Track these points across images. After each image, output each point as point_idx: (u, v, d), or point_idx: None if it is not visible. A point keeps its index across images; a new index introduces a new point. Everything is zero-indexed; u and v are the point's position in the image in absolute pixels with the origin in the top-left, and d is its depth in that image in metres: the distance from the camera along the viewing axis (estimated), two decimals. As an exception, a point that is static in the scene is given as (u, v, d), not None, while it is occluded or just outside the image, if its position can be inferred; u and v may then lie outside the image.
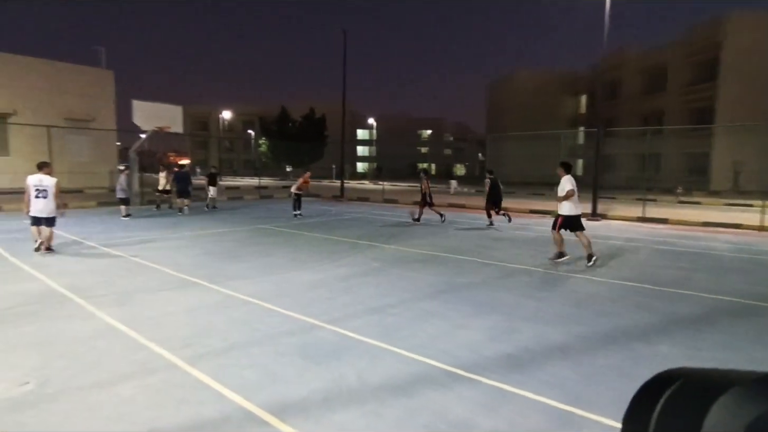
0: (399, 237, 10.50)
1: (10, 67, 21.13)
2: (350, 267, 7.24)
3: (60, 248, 8.41)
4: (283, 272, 6.83)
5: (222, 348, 3.91)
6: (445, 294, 5.75)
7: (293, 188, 15.19)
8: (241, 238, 10.11)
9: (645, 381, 0.39)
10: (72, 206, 16.10)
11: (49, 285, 5.92)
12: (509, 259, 8.03)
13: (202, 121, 70.16)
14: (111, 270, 6.83)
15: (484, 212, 13.17)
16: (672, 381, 0.37)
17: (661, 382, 0.38)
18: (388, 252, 8.63)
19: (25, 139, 21.09)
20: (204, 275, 6.50)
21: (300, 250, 8.63)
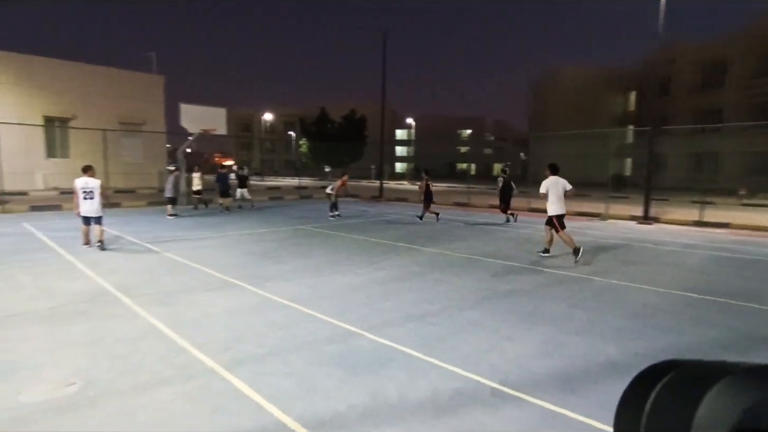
0: (439, 239, 10.26)
1: (72, 74, 22.48)
2: (389, 270, 7.09)
3: (112, 246, 8.76)
4: (322, 275, 6.77)
5: (260, 354, 3.85)
6: (489, 302, 5.49)
7: (329, 189, 15.26)
8: (280, 238, 10.19)
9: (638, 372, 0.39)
10: (124, 205, 16.91)
11: (99, 283, 6.12)
12: (556, 266, 7.63)
13: (245, 123, 72.28)
14: (156, 269, 7.00)
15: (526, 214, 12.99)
16: (666, 371, 0.37)
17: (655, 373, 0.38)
18: (427, 255, 8.42)
19: (83, 142, 22.31)
20: (244, 276, 6.54)
21: (338, 252, 8.57)
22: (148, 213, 15.04)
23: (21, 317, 4.78)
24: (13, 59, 21.05)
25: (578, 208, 17.26)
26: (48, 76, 21.73)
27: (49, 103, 21.82)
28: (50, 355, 3.83)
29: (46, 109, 21.75)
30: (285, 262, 7.66)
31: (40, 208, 15.46)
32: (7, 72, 20.76)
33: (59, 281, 6.24)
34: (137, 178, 22.43)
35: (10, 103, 20.64)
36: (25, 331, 4.39)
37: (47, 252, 8.25)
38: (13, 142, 19.72)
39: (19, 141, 20.16)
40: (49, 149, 22.28)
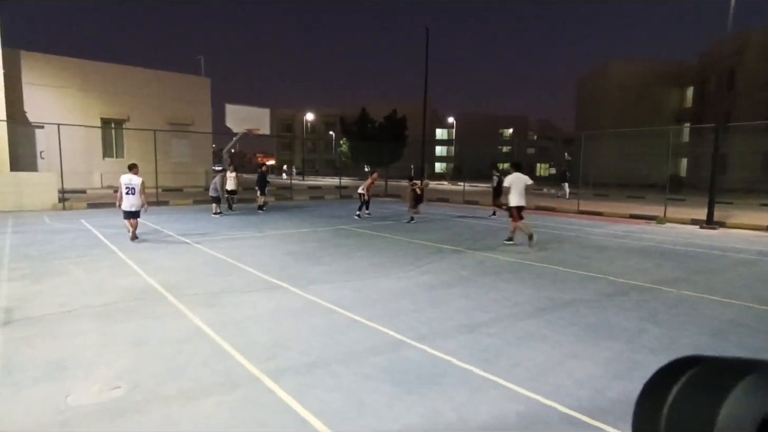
0: (485, 242, 9.83)
1: (126, 77, 23.57)
2: (435, 275, 6.78)
3: (160, 244, 8.93)
4: (365, 278, 6.55)
5: (305, 363, 3.65)
6: (547, 312, 5.07)
7: (360, 189, 15.20)
8: (322, 238, 10.09)
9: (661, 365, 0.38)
10: (172, 204, 17.46)
11: (147, 281, 6.16)
12: (617, 273, 7.06)
13: (287, 123, 73.72)
14: (202, 268, 7.02)
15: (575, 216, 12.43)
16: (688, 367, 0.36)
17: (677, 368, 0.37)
18: (475, 258, 8.04)
19: (136, 143, 23.32)
20: (286, 277, 6.42)
21: (381, 254, 8.33)
22: (195, 211, 15.41)
23: (77, 313, 4.83)
24: (75, 64, 22.28)
25: (632, 211, 16.24)
26: (105, 80, 22.85)
27: (105, 106, 22.94)
28: (99, 354, 3.80)
29: (102, 111, 22.88)
30: (327, 263, 7.51)
31: (96, 206, 16.18)
32: (69, 77, 21.99)
33: (111, 277, 6.35)
34: (185, 177, 23.19)
35: (72, 106, 21.86)
36: (79, 327, 4.42)
37: (101, 248, 8.49)
38: (74, 143, 20.87)
39: (78, 142, 21.31)
40: (105, 149, 23.41)
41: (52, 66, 21.35)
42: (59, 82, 21.52)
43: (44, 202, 15.37)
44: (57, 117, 18.74)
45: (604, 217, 15.25)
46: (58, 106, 21.21)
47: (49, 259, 7.46)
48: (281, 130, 70.89)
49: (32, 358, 3.71)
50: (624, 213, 15.78)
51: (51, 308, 4.99)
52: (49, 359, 3.67)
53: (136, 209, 9.09)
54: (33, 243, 8.94)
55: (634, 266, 7.61)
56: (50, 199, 15.62)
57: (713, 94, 34.63)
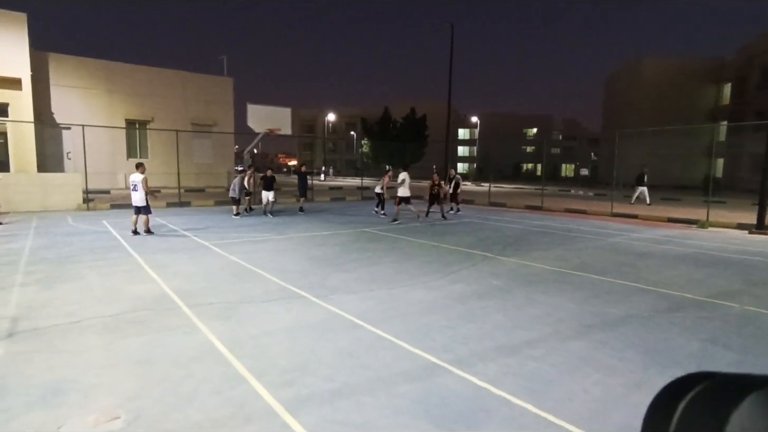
0: (517, 247, 9.26)
1: (150, 78, 23.74)
2: (466, 284, 6.28)
3: (179, 247, 8.68)
4: (391, 287, 6.10)
5: (328, 391, 3.22)
6: (596, 331, 4.52)
7: (377, 189, 15.04)
8: (344, 242, 9.69)
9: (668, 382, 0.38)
10: (194, 204, 17.38)
11: (162, 288, 5.86)
12: (667, 284, 6.41)
13: (309, 123, 73.95)
14: (219, 273, 6.69)
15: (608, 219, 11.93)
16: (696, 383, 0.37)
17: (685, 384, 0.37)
18: (507, 266, 7.50)
19: (160, 143, 23.47)
20: (307, 286, 6.02)
21: (407, 260, 7.87)
22: (216, 212, 15.25)
23: (84, 324, 4.53)
24: (101, 66, 22.55)
25: (670, 214, 15.32)
26: (129, 81, 23.07)
27: (130, 107, 23.16)
28: (101, 375, 3.45)
29: (127, 113, 23.10)
30: (350, 270, 7.09)
31: (119, 206, 16.18)
32: (95, 78, 22.27)
33: (125, 284, 6.07)
34: (207, 178, 23.20)
35: (97, 107, 22.12)
36: (84, 341, 4.11)
37: (119, 251, 8.29)
38: (99, 144, 21.10)
39: (103, 143, 21.54)
40: (130, 150, 23.63)
41: (79, 68, 21.66)
42: (86, 84, 21.81)
43: (69, 202, 15.46)
44: (83, 118, 18.95)
45: (640, 221, 14.42)
46: (85, 108, 21.48)
47: (65, 263, 7.27)
48: (303, 131, 71.14)
49: (29, 378, 3.39)
50: (661, 216, 14.90)
51: (58, 318, 4.71)
52: (46, 380, 3.34)
53: (140, 204, 9.75)
54: (52, 245, 8.81)
55: (685, 276, 6.94)
56: (75, 199, 15.71)
57: (754, 91, 32.87)
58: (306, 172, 15.60)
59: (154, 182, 23.17)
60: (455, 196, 16.77)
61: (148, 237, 9.88)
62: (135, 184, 9.82)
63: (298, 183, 15.54)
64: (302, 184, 15.36)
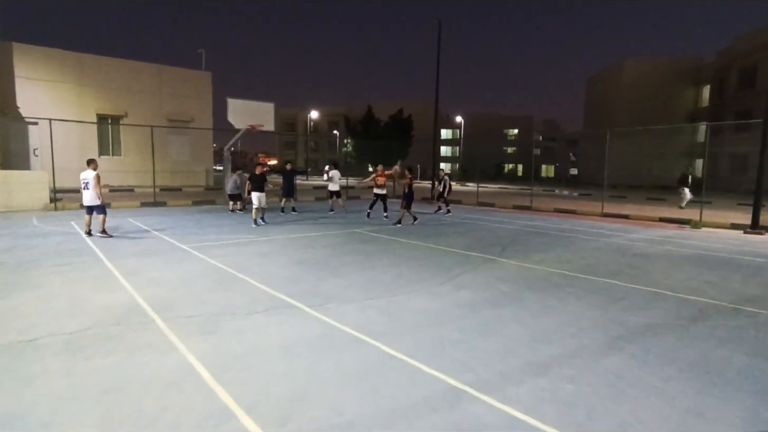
0: (515, 248, 8.84)
1: (123, 71, 22.61)
2: (472, 290, 5.79)
3: (153, 251, 7.97)
4: (391, 294, 5.56)
5: (336, 427, 2.66)
6: (626, 342, 4.08)
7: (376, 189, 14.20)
8: (334, 244, 9.11)
9: None
10: (170, 204, 16.49)
11: (135, 299, 5.19)
12: (683, 288, 6.05)
13: (289, 122, 72.80)
14: (199, 280, 6.04)
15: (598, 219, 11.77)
16: None
17: None
18: (510, 269, 7.05)
19: (133, 140, 22.41)
20: (299, 293, 5.44)
21: (404, 263, 7.35)
22: (193, 212, 14.46)
23: (42, 343, 3.86)
24: (71, 58, 21.34)
25: (658, 213, 15.20)
26: (101, 74, 21.91)
27: (101, 101, 22.00)
28: (58, 409, 2.82)
29: (99, 107, 21.94)
30: (344, 275, 6.53)
31: (90, 206, 15.24)
32: (65, 71, 21.06)
33: (93, 292, 5.38)
34: (184, 177, 22.24)
35: (67, 101, 20.92)
36: (41, 364, 3.46)
37: (87, 255, 7.53)
38: (68, 139, 19.94)
39: (73, 139, 20.38)
40: (102, 147, 22.46)
41: (47, 59, 20.41)
42: (54, 76, 20.59)
43: (35, 201, 14.45)
44: (51, 112, 17.81)
45: (631, 221, 14.23)
46: (53, 101, 20.28)
47: (26, 268, 6.50)
48: (284, 129, 69.98)
49: (-38, 418, 2.73)
50: (651, 216, 14.76)
51: (10, 335, 4.02)
52: (-16, 421, 2.69)
53: (92, 203, 9.08)
54: (13, 248, 7.99)
55: (698, 279, 6.60)
56: (41, 198, 14.70)
57: (734, 92, 33.48)
58: (293, 171, 14.77)
59: (128, 181, 22.11)
60: (443, 196, 16.35)
61: (121, 240, 9.12)
62: (86, 181, 9.03)
63: (284, 183, 14.62)
64: (289, 184, 14.52)
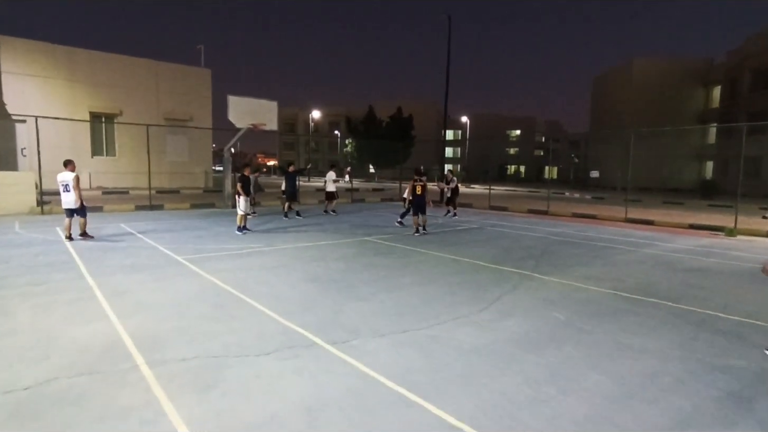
0: (549, 261, 7.91)
1: (117, 67, 21.59)
2: (522, 318, 4.86)
3: (144, 262, 7.00)
4: (427, 324, 4.62)
5: None
6: (761, 404, 3.14)
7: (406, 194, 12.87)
8: (347, 255, 8.17)
9: None
10: (167, 208, 15.53)
11: (117, 331, 4.24)
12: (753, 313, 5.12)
13: (289, 122, 71.84)
14: (196, 306, 5.09)
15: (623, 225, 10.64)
16: None
17: None
18: (554, 289, 6.12)
19: (128, 139, 21.43)
20: (316, 324, 4.50)
21: (432, 281, 6.42)
22: (192, 217, 13.50)
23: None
24: (62, 52, 20.33)
25: (686, 220, 14.26)
26: (95, 70, 20.90)
27: (95, 99, 20.99)
28: None
29: (92, 105, 20.93)
30: (366, 296, 5.58)
31: (80, 210, 14.27)
32: (55, 66, 20.05)
33: (65, 324, 4.43)
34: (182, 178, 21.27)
35: (57, 98, 19.92)
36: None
37: (67, 270, 6.57)
38: (59, 139, 18.93)
39: (64, 138, 19.39)
40: (95, 147, 21.46)
41: (36, 53, 19.37)
42: (44, 72, 19.56)
43: (20, 205, 13.48)
44: (41, 110, 16.85)
45: (658, 228, 13.33)
46: (43, 98, 19.27)
47: (-9, 289, 5.55)
48: (284, 130, 69.03)
49: None
50: (681, 223, 13.83)
51: (-54, 394, 3.07)
52: None
53: (73, 206, 8.73)
54: (-17, 261, 7.03)
55: (776, 302, 5.68)
56: (27, 201, 13.73)
57: (746, 93, 32.63)
58: (295, 172, 13.80)
59: (123, 183, 21.13)
60: (453, 200, 15.40)
61: (109, 250, 8.18)
62: (65, 183, 8.69)
63: (287, 185, 13.66)
64: (292, 186, 13.65)
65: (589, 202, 23.86)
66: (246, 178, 10.83)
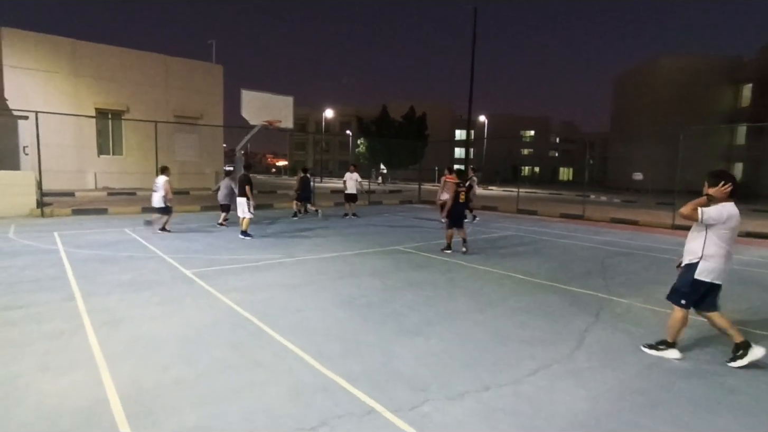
0: (616, 278, 6.73)
1: (125, 62, 20.69)
2: (635, 366, 3.71)
3: (146, 277, 5.94)
4: (511, 374, 3.50)
5: None
6: None
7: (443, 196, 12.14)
8: (380, 269, 7.06)
9: None
10: (176, 210, 14.54)
11: (102, 385, 3.17)
12: None
13: (301, 122, 70.99)
14: (208, 342, 4.01)
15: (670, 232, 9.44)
16: None
17: None
18: (645, 316, 4.97)
19: (136, 138, 20.53)
20: (365, 375, 3.40)
21: (490, 305, 5.29)
22: (202, 220, 12.51)
23: None
24: (66, 45, 19.46)
25: (743, 227, 12.72)
26: (99, 63, 20.01)
27: (101, 95, 20.10)
28: None
29: (97, 101, 20.05)
30: (418, 329, 4.46)
31: (83, 212, 13.37)
32: (60, 60, 19.19)
33: (37, 371, 3.38)
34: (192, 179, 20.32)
35: (61, 93, 19.05)
36: None
37: (57, 289, 5.54)
38: (63, 137, 18.08)
39: (68, 135, 18.53)
40: (101, 146, 20.58)
41: (40, 46, 18.50)
42: (47, 66, 18.69)
43: (19, 207, 12.56)
44: (44, 106, 15.95)
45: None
46: (45, 94, 18.40)
47: (-41, 314, 4.51)
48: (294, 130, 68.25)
49: None
50: (751, 230, 12.48)
51: None
52: None
53: (155, 206, 10.02)
54: (-39, 275, 6.02)
55: None
56: (27, 203, 12.81)
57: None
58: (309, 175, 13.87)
59: (129, 183, 20.25)
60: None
61: (108, 260, 7.14)
62: (157, 185, 9.99)
63: (302, 188, 13.71)
64: (306, 188, 13.76)
65: (618, 205, 22.53)
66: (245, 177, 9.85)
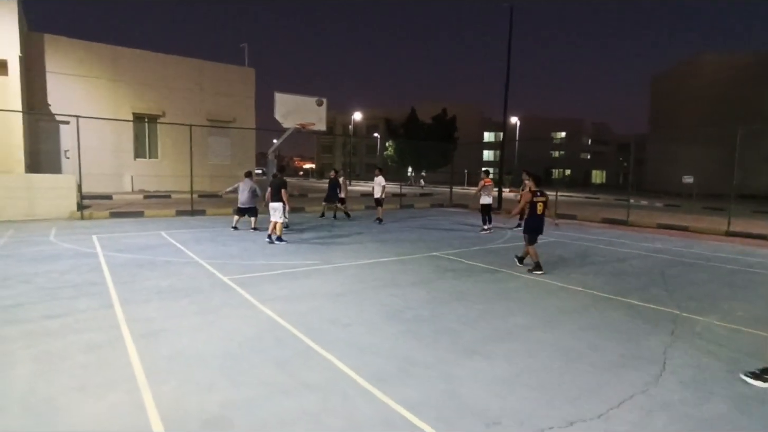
0: (683, 290, 6.15)
1: (160, 67, 21.05)
2: (734, 400, 3.22)
3: (184, 284, 5.75)
4: (592, 406, 3.07)
5: None
6: None
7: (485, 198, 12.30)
8: (422, 277, 6.69)
9: None
10: (209, 213, 14.59)
11: (144, 409, 2.92)
12: None
13: (328, 125, 71.44)
14: (253, 361, 3.73)
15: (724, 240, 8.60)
16: None
17: None
18: (728, 336, 4.43)
19: (170, 142, 20.83)
20: (428, 404, 3.03)
21: (551, 322, 4.84)
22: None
23: None
24: (106, 52, 19.93)
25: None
26: (138, 69, 20.40)
27: (138, 99, 20.50)
28: None
29: (135, 106, 20.44)
30: (478, 348, 4.08)
31: (120, 215, 13.50)
32: (99, 66, 19.66)
33: (73, 391, 3.16)
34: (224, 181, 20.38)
35: (101, 98, 19.49)
36: None
37: (95, 295, 5.40)
38: (103, 141, 18.46)
39: (107, 139, 18.92)
40: (138, 149, 20.96)
41: (81, 52, 19.02)
42: (88, 71, 19.18)
43: (61, 209, 12.78)
44: (84, 111, 16.31)
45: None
46: (86, 99, 18.87)
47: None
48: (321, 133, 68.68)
49: None
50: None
51: None
52: None
53: (245, 206, 11.05)
54: (3, 281, 5.98)
55: None
56: (68, 206, 13.02)
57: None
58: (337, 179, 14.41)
59: (165, 186, 20.56)
60: None
61: (146, 265, 7.02)
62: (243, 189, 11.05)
63: (331, 191, 14.35)
64: (334, 192, 14.31)
65: (662, 210, 21.44)
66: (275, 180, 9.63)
